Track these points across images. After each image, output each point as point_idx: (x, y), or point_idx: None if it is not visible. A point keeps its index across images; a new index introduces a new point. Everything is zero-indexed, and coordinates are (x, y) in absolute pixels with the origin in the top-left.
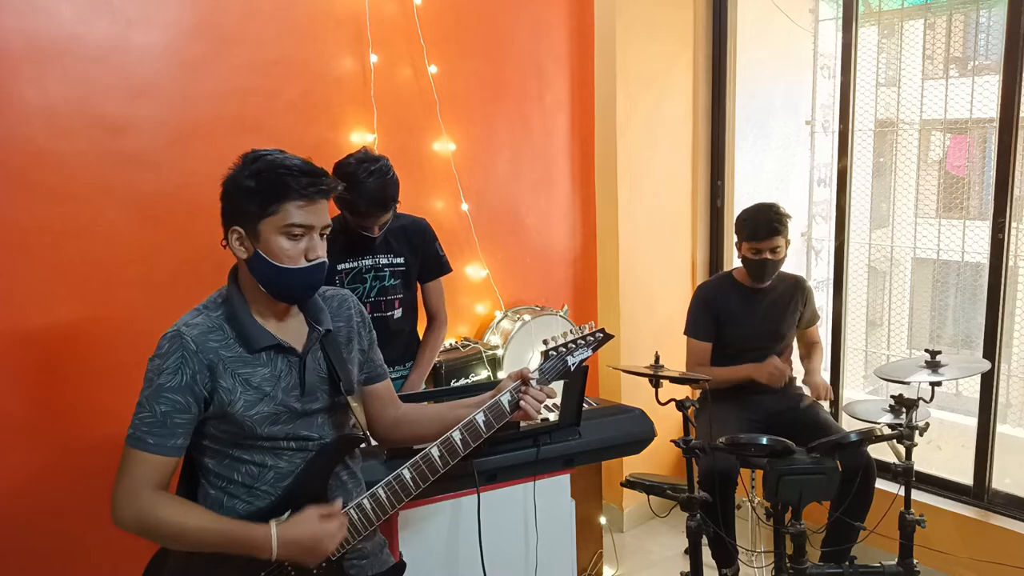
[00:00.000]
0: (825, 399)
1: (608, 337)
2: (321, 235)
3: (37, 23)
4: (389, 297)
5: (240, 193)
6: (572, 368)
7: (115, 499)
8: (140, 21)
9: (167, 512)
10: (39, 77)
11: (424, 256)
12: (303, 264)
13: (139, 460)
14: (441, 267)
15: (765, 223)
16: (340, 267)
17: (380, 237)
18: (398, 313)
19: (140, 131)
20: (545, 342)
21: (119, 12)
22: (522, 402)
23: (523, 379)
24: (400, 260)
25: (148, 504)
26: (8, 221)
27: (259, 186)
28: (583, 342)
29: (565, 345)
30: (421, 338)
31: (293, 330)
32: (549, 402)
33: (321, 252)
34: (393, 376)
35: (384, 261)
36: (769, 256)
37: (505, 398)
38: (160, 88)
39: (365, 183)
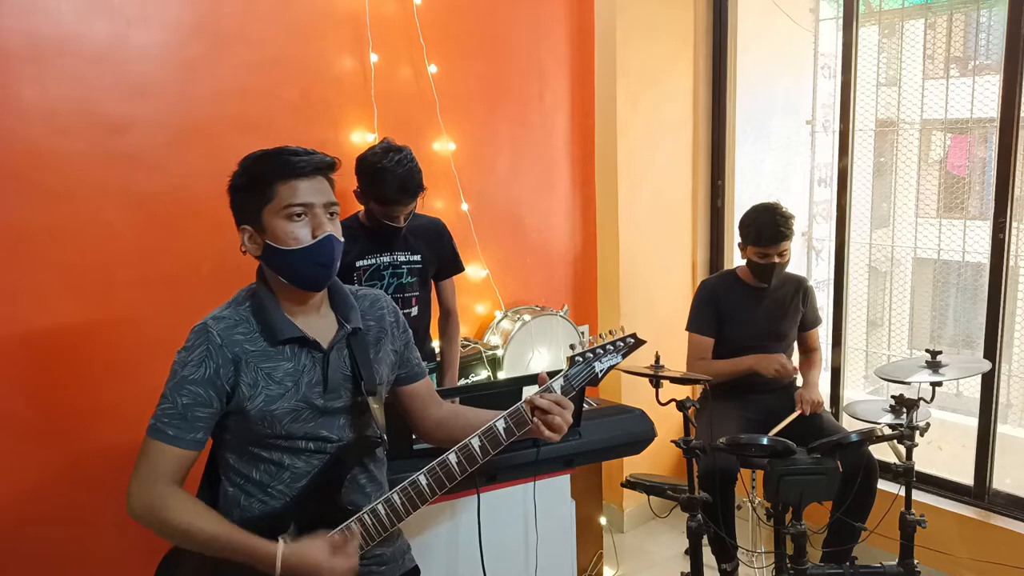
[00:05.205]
0: (808, 412)
1: (640, 343)
2: (330, 214)
3: (37, 23)
4: (406, 294)
5: (237, 192)
6: (600, 375)
7: (130, 488)
8: (140, 21)
9: (178, 509)
10: (39, 77)
11: (442, 255)
12: (310, 241)
13: (157, 451)
14: (457, 266)
15: (773, 228)
16: (359, 264)
17: (399, 234)
18: (415, 311)
19: (140, 131)
20: (572, 347)
21: (119, 12)
22: (536, 417)
23: (542, 383)
24: (417, 257)
25: (160, 498)
26: (8, 221)
27: (250, 177)
28: (612, 347)
29: (593, 351)
30: (436, 336)
31: (321, 326)
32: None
33: (329, 228)
34: None
35: (402, 258)
36: (777, 259)
37: (527, 405)
38: (160, 88)
39: (393, 171)
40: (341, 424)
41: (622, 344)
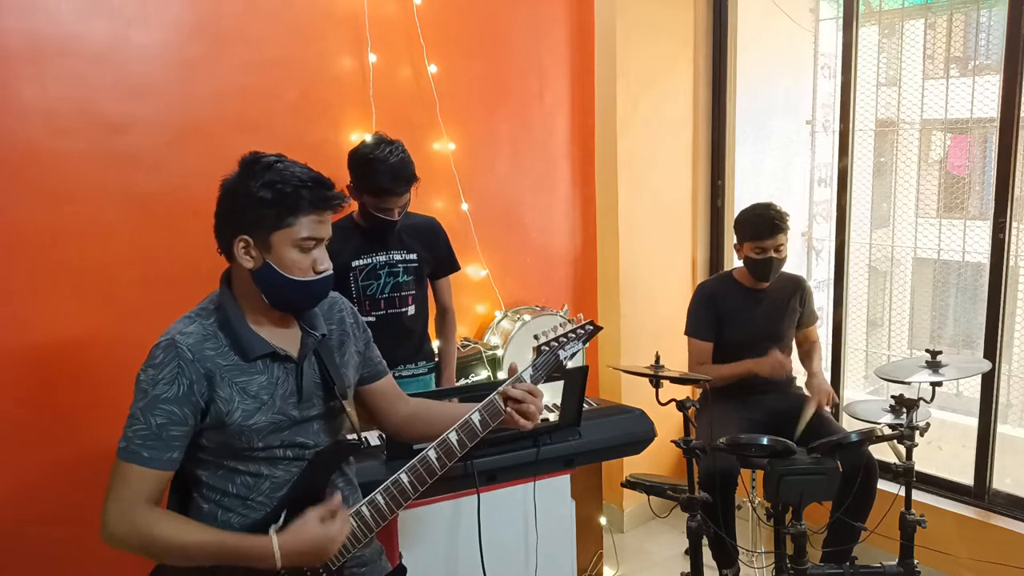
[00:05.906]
0: (828, 404)
1: (597, 329)
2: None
3: (37, 23)
4: (403, 293)
5: (252, 203)
6: (564, 362)
7: (107, 515)
8: (139, 21)
9: (164, 528)
10: (39, 77)
11: (438, 254)
12: (312, 276)
13: (133, 475)
14: (453, 264)
15: (768, 222)
16: (355, 264)
17: (394, 232)
18: (411, 310)
19: (140, 131)
20: (536, 337)
21: (119, 12)
22: (509, 407)
23: (512, 373)
24: (413, 256)
25: (143, 520)
26: (8, 221)
27: (275, 198)
28: (573, 335)
29: (557, 340)
30: (433, 336)
31: (287, 336)
32: (549, 402)
33: (328, 264)
34: (403, 374)
35: (398, 257)
36: (774, 254)
37: (499, 396)
38: (160, 88)
39: (387, 160)
40: (316, 429)
41: (582, 332)
